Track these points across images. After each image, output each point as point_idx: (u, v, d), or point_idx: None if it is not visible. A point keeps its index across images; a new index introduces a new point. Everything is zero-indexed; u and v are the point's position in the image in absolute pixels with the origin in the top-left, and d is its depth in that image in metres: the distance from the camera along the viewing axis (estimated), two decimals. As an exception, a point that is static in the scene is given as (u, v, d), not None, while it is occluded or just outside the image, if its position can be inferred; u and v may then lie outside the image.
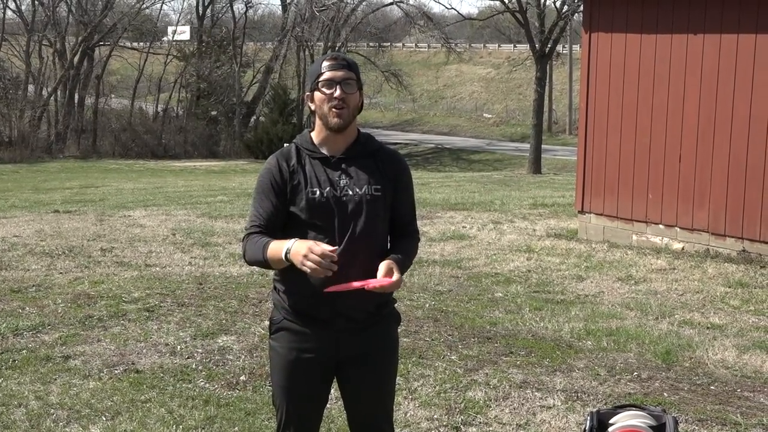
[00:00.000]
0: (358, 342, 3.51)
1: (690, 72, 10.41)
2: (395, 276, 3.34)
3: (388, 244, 3.61)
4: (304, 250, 3.21)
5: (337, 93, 3.40)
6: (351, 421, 3.71)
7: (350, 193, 3.44)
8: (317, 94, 3.44)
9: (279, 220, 3.46)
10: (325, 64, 3.44)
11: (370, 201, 3.46)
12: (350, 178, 3.47)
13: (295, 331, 3.51)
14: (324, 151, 3.50)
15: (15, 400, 5.48)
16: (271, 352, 3.62)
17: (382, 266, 3.37)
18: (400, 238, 3.61)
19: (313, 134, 3.53)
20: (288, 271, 3.43)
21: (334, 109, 3.40)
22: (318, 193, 3.42)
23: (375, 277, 3.36)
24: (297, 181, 3.45)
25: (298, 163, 3.48)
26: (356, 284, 3.33)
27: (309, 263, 3.19)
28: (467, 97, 63.44)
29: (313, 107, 3.47)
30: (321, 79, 3.42)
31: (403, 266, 3.48)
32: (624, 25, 11.08)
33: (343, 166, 3.49)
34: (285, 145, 3.64)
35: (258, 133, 47.76)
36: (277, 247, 3.31)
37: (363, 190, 3.46)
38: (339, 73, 3.41)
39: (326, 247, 3.22)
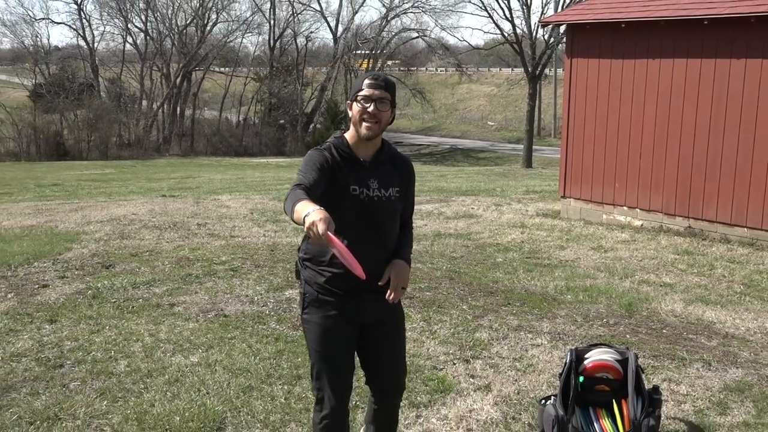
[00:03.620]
0: (378, 309, 3.20)
1: (649, 90, 10.25)
2: (395, 292, 3.12)
3: None
4: (317, 222, 2.54)
5: (371, 109, 3.07)
6: (373, 379, 3.36)
7: (379, 194, 3.13)
8: (355, 105, 3.10)
9: (318, 193, 2.94)
10: (367, 81, 3.10)
11: (393, 201, 3.17)
12: (379, 180, 3.14)
13: (329, 302, 3.15)
14: (357, 155, 3.16)
15: (134, 336, 5.57)
16: (307, 325, 3.19)
17: (392, 276, 3.13)
18: (402, 228, 3.30)
19: (348, 137, 3.18)
20: (319, 252, 3.15)
21: (365, 122, 3.09)
22: (358, 191, 3.08)
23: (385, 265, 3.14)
24: (342, 175, 3.08)
25: (342, 161, 3.12)
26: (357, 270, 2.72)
27: (312, 233, 2.56)
28: (475, 109, 62.82)
29: (350, 114, 3.14)
30: (360, 94, 3.09)
31: (409, 259, 3.25)
32: (598, 52, 10.91)
33: (373, 170, 3.16)
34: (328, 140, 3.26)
35: (315, 136, 47.67)
36: (304, 208, 2.64)
37: (389, 192, 3.16)
38: (376, 92, 3.08)
39: (321, 229, 2.53)
